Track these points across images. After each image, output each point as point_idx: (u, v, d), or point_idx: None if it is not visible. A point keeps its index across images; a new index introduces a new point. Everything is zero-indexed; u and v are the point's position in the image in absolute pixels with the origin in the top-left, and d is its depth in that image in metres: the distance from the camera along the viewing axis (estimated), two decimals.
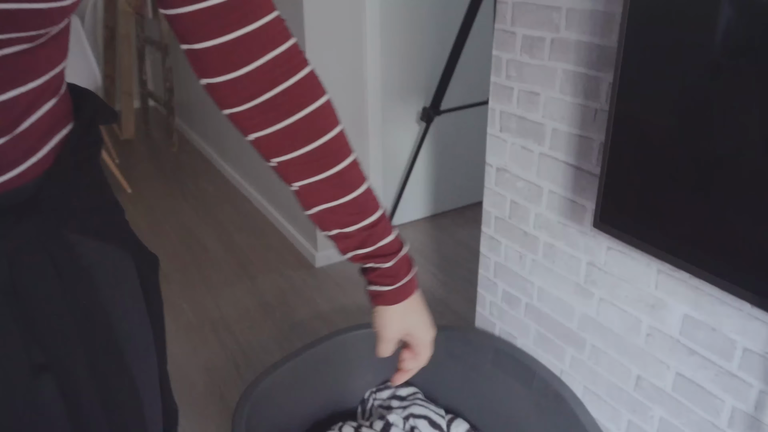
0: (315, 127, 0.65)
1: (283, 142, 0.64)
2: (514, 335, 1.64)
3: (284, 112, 0.63)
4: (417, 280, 0.76)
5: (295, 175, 0.66)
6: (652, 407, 1.31)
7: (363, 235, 0.70)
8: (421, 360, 0.79)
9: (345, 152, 0.67)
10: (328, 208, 0.68)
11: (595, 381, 1.43)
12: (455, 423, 1.69)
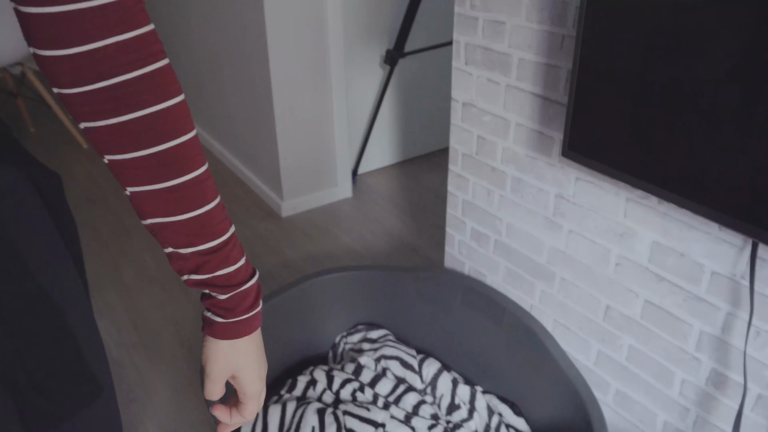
0: (159, 130, 0.56)
1: (118, 140, 0.56)
2: (484, 273, 1.63)
3: (123, 106, 0.54)
4: (260, 320, 0.68)
5: (128, 179, 0.58)
6: (621, 336, 1.31)
7: (199, 260, 0.62)
8: (244, 413, 0.71)
9: (191, 163, 0.59)
10: (163, 223, 0.60)
11: (565, 314, 1.43)
12: (427, 362, 1.69)
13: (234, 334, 0.66)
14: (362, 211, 2.77)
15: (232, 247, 0.64)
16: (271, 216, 2.73)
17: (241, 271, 0.65)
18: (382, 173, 3.09)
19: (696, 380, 1.20)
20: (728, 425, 1.17)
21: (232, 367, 0.68)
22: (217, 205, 0.62)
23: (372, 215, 2.73)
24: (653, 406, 1.30)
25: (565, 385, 1.43)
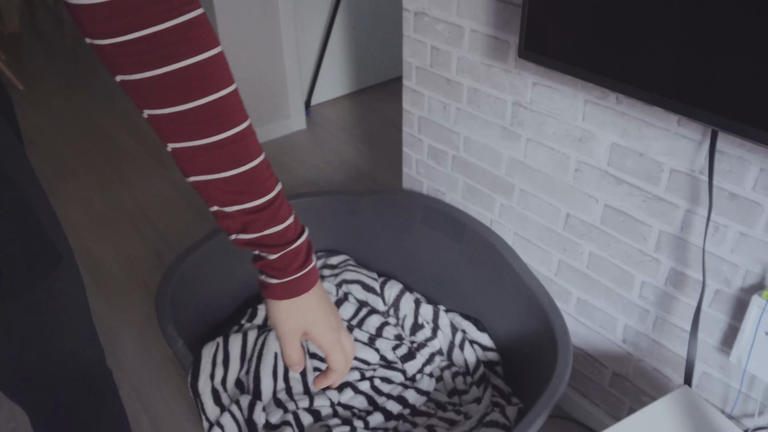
0: (196, 84, 0.54)
1: (154, 94, 0.54)
2: (443, 191, 1.60)
3: (157, 58, 0.52)
4: (316, 274, 0.66)
5: (168, 134, 0.56)
6: (582, 243, 1.31)
7: (246, 218, 0.60)
8: (333, 365, 0.68)
9: (232, 118, 0.57)
10: (206, 180, 0.58)
11: (525, 226, 1.42)
12: (389, 284, 1.67)
13: (292, 293, 0.64)
14: (317, 142, 2.70)
15: (280, 205, 0.61)
16: None
17: (290, 230, 0.63)
18: (336, 104, 3.01)
19: (655, 281, 1.20)
20: (687, 323, 1.18)
21: (300, 325, 0.66)
22: (261, 162, 0.59)
23: (327, 146, 2.67)
24: (614, 311, 1.31)
25: (527, 298, 1.43)
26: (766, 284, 1.03)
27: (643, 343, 1.28)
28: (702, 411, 1.10)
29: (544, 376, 1.31)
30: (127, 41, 0.51)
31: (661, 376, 1.28)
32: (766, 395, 1.11)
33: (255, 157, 0.59)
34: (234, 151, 0.57)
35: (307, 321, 0.66)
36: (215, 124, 0.56)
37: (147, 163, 2.57)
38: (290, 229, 0.63)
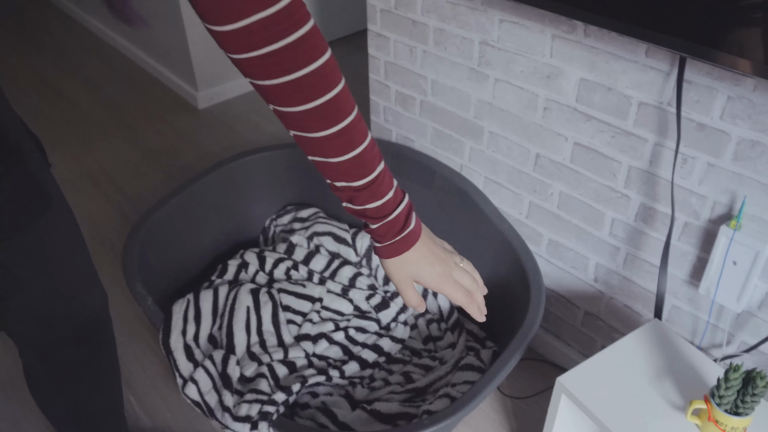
0: (317, 86, 0.65)
1: (282, 95, 0.65)
2: (412, 138, 1.58)
3: (279, 70, 0.64)
4: (417, 233, 0.76)
5: (292, 125, 0.68)
6: (552, 184, 1.30)
7: (351, 194, 0.71)
8: (454, 301, 0.78)
9: (346, 111, 0.68)
10: (322, 162, 0.70)
11: (495, 169, 1.40)
12: (360, 235, 1.66)
13: (394, 253, 0.75)
14: None
15: (380, 184, 0.70)
16: (187, 109, 2.57)
17: (389, 204, 0.72)
18: None
19: (625, 218, 1.20)
20: (657, 258, 1.19)
21: (406, 275, 0.76)
22: (366, 147, 0.69)
23: None
24: (585, 250, 1.31)
25: (499, 242, 1.43)
26: (733, 214, 1.03)
27: (614, 280, 1.29)
28: (672, 343, 1.11)
29: (518, 318, 1.32)
30: (256, 56, 0.62)
31: (632, 312, 1.29)
32: (733, 325, 1.12)
33: (361, 143, 0.69)
34: (345, 141, 0.68)
35: (413, 272, 0.77)
36: (331, 118, 0.67)
37: (109, 124, 2.49)
38: (389, 202, 0.72)
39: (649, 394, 1.03)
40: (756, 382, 0.89)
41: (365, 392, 1.40)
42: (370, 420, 1.32)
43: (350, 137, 0.68)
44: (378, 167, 0.71)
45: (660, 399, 1.02)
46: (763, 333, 1.08)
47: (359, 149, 0.69)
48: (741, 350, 1.12)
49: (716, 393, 0.93)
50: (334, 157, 0.69)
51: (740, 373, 0.90)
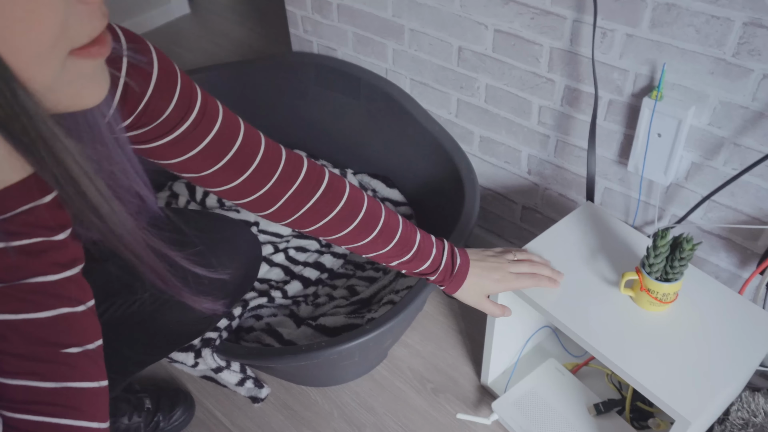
0: (351, 214, 0.85)
1: (326, 230, 0.85)
2: (333, 47, 1.51)
3: (319, 216, 0.83)
4: (466, 266, 0.95)
5: (344, 243, 0.88)
6: (477, 77, 1.26)
7: (402, 266, 0.92)
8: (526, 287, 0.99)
9: (376, 217, 0.87)
10: (375, 255, 0.90)
11: (420, 69, 1.36)
12: None
13: (457, 286, 0.95)
14: (204, 25, 2.51)
15: (423, 248, 0.91)
16: None
17: (436, 258, 0.93)
18: None
19: (552, 104, 1.18)
20: (586, 141, 1.17)
21: (478, 296, 0.97)
22: (402, 230, 0.89)
23: (216, 28, 2.49)
24: (516, 142, 1.29)
25: (431, 145, 1.40)
26: (654, 85, 1.01)
27: (547, 170, 1.28)
28: (605, 223, 1.11)
29: (456, 219, 1.30)
30: (299, 216, 0.83)
31: (568, 201, 1.29)
32: (663, 199, 1.13)
33: (397, 229, 0.89)
34: (386, 236, 0.88)
35: (480, 292, 0.97)
36: (370, 226, 0.86)
37: None
38: (436, 257, 0.93)
39: (584, 274, 1.03)
40: (683, 246, 0.90)
41: (310, 309, 1.38)
42: (316, 335, 1.31)
43: (389, 230, 0.87)
44: (416, 238, 0.90)
45: (595, 277, 1.03)
46: (692, 204, 1.09)
47: (398, 235, 0.88)
48: (672, 223, 1.13)
49: (646, 262, 0.94)
50: (383, 249, 0.88)
51: (668, 240, 0.90)
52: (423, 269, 0.92)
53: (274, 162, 0.79)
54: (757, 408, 1.06)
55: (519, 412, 1.19)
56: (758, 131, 0.94)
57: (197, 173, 0.74)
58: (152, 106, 0.64)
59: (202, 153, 0.71)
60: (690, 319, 0.96)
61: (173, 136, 0.67)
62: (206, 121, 0.70)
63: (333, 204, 0.83)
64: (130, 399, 1.23)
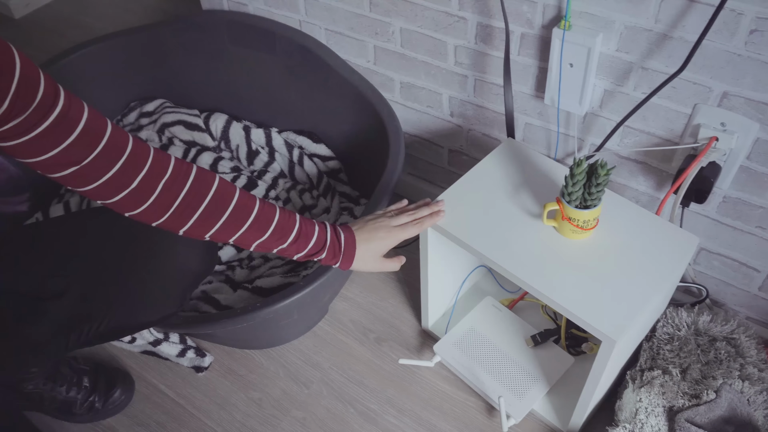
0: (220, 208, 0.83)
1: (205, 226, 0.83)
2: (244, 2, 1.46)
3: (193, 207, 0.81)
4: (353, 240, 0.96)
5: (225, 238, 0.86)
6: (391, 21, 1.24)
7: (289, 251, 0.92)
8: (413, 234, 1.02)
9: (248, 209, 0.85)
10: (256, 245, 0.89)
11: (334, 18, 1.32)
12: (213, 117, 1.56)
13: (350, 260, 0.97)
14: None
15: (300, 235, 0.91)
16: (1, 21, 2.29)
17: (320, 236, 0.93)
18: None
19: (466, 43, 1.17)
20: (502, 78, 1.17)
21: (374, 261, 1.00)
22: (279, 220, 0.89)
23: None
24: (436, 85, 1.28)
25: (352, 95, 1.37)
26: (563, 14, 1.01)
27: (468, 111, 1.28)
28: (526, 157, 1.12)
29: (383, 168, 1.29)
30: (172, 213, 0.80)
31: (491, 140, 1.29)
32: (581, 129, 1.14)
33: (273, 217, 0.88)
34: (261, 225, 0.87)
35: (374, 256, 0.99)
36: (241, 220, 0.85)
37: None
38: (320, 237, 0.93)
39: (509, 209, 1.04)
40: (598, 172, 0.91)
41: (245, 273, 1.37)
42: (253, 297, 1.29)
43: (264, 218, 0.87)
44: (296, 222, 0.90)
45: (519, 211, 1.04)
46: (608, 131, 1.11)
47: (275, 222, 0.88)
48: (592, 152, 1.15)
49: (565, 191, 0.95)
50: (261, 238, 0.87)
51: (583, 168, 0.92)
52: (309, 249, 0.92)
53: (141, 160, 0.76)
54: (681, 322, 1.11)
55: (460, 351, 1.21)
56: (663, 53, 0.96)
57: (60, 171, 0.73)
58: (14, 107, 0.65)
59: (65, 150, 0.71)
60: (611, 243, 0.98)
61: (34, 134, 0.68)
62: (68, 121, 0.70)
63: (200, 198, 0.80)
64: (71, 373, 1.21)
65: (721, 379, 1.04)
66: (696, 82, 0.96)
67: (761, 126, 0.94)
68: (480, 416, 1.20)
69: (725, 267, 1.15)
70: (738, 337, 1.10)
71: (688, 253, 0.96)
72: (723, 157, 1.00)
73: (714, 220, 1.10)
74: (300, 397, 1.25)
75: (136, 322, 0.99)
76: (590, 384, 0.99)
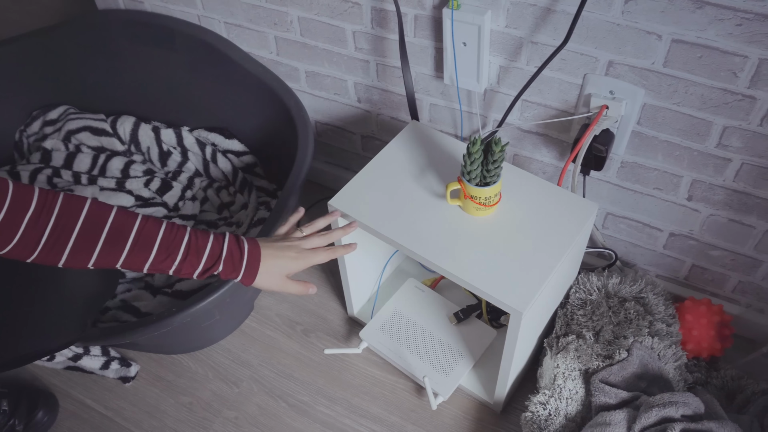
0: (94, 231, 0.78)
1: (83, 256, 0.78)
2: (140, 0, 1.41)
3: (64, 240, 0.77)
4: (257, 251, 0.90)
5: (111, 263, 0.81)
6: (288, 11, 1.22)
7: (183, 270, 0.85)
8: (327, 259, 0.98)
9: (126, 228, 0.80)
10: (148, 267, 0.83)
11: (232, 11, 1.30)
12: (120, 121, 1.51)
13: (252, 275, 0.90)
14: None
15: (190, 248, 0.84)
16: None
17: (213, 252, 0.86)
18: None
19: (363, 28, 1.16)
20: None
21: (279, 280, 0.92)
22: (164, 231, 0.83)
23: None
24: (340, 72, 1.28)
25: (259, 88, 1.35)
26: None
27: (375, 96, 1.28)
28: (431, 139, 1.13)
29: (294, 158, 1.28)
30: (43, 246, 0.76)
31: (400, 123, 1.30)
32: (483, 106, 1.15)
33: (157, 234, 0.82)
34: (144, 244, 0.81)
35: (280, 274, 0.92)
36: (120, 243, 0.80)
37: None
38: (214, 248, 0.86)
39: (415, 191, 1.05)
40: (493, 149, 0.92)
41: (164, 277, 1.34)
42: (173, 302, 1.27)
43: (146, 238, 0.81)
44: (184, 236, 0.84)
45: (425, 193, 1.05)
46: (507, 106, 1.12)
47: (158, 240, 0.82)
48: (495, 128, 1.16)
49: (464, 170, 0.96)
50: (147, 260, 0.81)
51: (479, 145, 0.93)
52: (204, 264, 0.85)
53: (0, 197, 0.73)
54: (592, 287, 1.14)
55: (386, 335, 1.22)
56: (549, 27, 0.97)
57: None
58: None
59: None
60: (515, 217, 1.00)
61: None
62: None
63: (69, 229, 0.76)
64: None
65: (632, 337, 1.07)
66: (583, 53, 0.98)
67: (646, 91, 0.97)
68: (410, 397, 1.21)
69: (631, 229, 1.19)
70: (646, 295, 1.14)
71: (588, 219, 0.99)
72: (615, 124, 1.02)
73: (616, 186, 1.13)
74: (231, 396, 1.24)
75: (35, 350, 0.94)
76: (506, 355, 1.01)
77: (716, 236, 1.10)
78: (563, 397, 1.05)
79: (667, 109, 0.97)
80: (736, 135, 0.95)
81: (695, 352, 1.16)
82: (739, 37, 0.84)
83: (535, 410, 1.06)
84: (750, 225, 1.05)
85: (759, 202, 1.01)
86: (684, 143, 1.00)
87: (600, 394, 1.03)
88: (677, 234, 1.14)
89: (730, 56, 0.87)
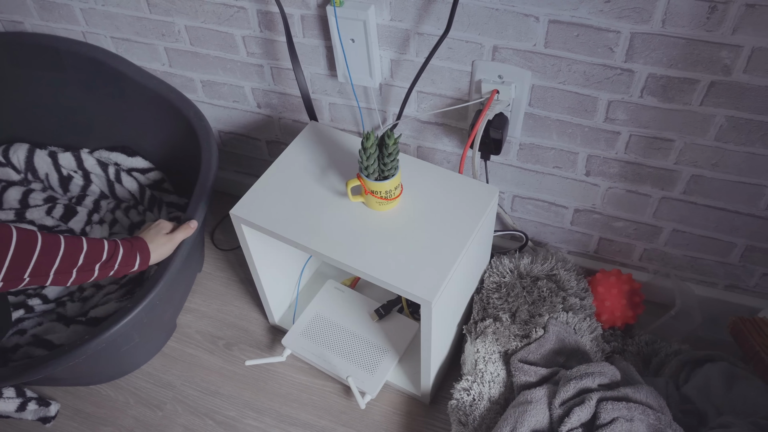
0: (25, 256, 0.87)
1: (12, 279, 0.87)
2: (19, 19, 1.35)
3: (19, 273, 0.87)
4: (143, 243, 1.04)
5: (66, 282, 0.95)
6: (174, 21, 1.19)
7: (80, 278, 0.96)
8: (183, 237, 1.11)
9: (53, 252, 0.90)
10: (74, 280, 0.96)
11: (117, 25, 1.25)
12: (12, 148, 1.44)
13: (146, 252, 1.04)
14: None
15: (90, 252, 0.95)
16: None
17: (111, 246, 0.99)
18: None
19: (252, 32, 1.14)
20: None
21: (166, 243, 1.08)
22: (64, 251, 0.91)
23: None
24: (235, 79, 1.25)
25: (156, 102, 1.32)
26: None
27: (273, 100, 1.26)
28: (330, 138, 1.12)
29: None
30: None
31: (302, 125, 1.28)
32: (380, 101, 1.15)
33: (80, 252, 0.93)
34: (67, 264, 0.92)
35: (165, 239, 1.08)
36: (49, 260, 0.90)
37: None
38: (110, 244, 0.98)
39: (317, 192, 1.04)
40: (386, 143, 0.92)
41: (78, 306, 1.29)
42: (89, 330, 1.22)
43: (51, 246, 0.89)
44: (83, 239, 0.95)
45: (328, 192, 1.04)
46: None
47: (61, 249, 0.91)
48: (395, 122, 1.16)
49: (362, 166, 0.96)
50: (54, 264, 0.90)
51: (373, 140, 0.92)
52: (106, 258, 0.97)
53: None
54: (504, 269, 1.16)
55: (308, 340, 1.21)
56: (431, 17, 0.98)
57: None
58: None
59: None
60: (418, 208, 1.00)
61: None
62: None
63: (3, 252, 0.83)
64: None
65: (547, 314, 1.09)
66: (468, 40, 0.99)
67: (533, 73, 0.99)
68: (339, 399, 1.20)
69: (538, 209, 1.21)
70: (558, 272, 1.16)
71: (490, 203, 1.00)
72: (508, 107, 1.04)
73: (518, 168, 1.15)
74: (154, 421, 1.20)
75: None
76: (425, 346, 1.01)
77: (617, 208, 1.14)
78: (485, 381, 1.06)
79: (554, 89, 0.99)
80: (620, 108, 0.98)
81: (610, 322, 1.19)
82: (609, 13, 0.87)
83: (460, 397, 1.06)
84: (646, 194, 1.09)
85: (651, 171, 1.04)
86: (575, 120, 1.02)
87: (520, 374, 1.05)
88: (581, 209, 1.17)
89: (603, 32, 0.89)
